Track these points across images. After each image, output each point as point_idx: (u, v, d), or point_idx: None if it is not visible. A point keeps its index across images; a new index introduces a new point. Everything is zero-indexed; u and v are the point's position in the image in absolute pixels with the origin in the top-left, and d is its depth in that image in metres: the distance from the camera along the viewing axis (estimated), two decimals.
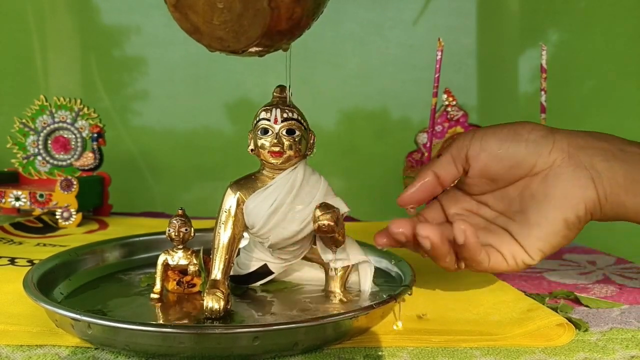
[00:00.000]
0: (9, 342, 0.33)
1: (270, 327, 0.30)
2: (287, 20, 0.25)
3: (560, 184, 0.37)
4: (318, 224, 0.36)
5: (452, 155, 0.41)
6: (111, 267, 0.48)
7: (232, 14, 0.24)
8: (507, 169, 0.39)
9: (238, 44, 0.26)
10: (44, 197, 0.76)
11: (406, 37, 1.21)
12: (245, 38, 0.25)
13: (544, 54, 0.69)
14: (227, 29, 0.25)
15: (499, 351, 0.33)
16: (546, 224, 0.37)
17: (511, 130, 0.39)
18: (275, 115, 0.37)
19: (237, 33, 0.25)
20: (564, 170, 0.38)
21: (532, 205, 0.38)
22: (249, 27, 0.25)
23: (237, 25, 0.25)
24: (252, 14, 0.24)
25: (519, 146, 0.38)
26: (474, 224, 0.38)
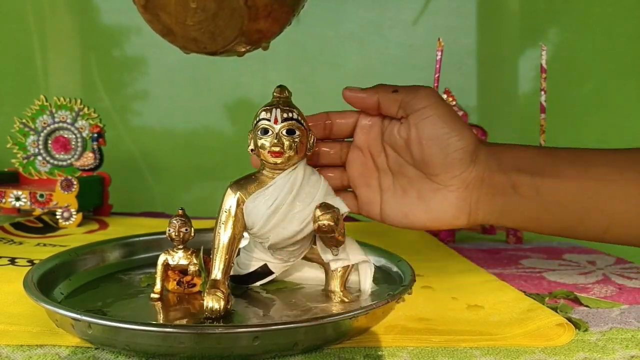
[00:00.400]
0: (9, 342, 0.33)
1: (270, 327, 0.30)
2: (266, 18, 0.24)
3: (438, 202, 0.40)
4: (318, 224, 0.36)
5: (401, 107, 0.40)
6: (111, 267, 0.48)
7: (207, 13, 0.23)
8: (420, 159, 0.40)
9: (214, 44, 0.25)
10: (44, 197, 0.76)
11: (406, 37, 1.21)
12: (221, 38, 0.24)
13: (544, 54, 0.69)
14: (202, 29, 0.24)
15: (499, 351, 0.33)
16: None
17: (444, 137, 0.38)
18: (275, 115, 0.37)
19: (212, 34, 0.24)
20: (451, 194, 0.39)
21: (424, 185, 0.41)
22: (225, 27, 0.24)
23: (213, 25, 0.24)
24: (228, 13, 0.23)
25: (439, 154, 0.39)
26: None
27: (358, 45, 1.22)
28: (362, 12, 1.21)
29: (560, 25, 1.21)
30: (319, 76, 1.23)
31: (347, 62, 1.23)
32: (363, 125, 0.43)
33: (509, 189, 0.38)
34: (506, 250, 0.65)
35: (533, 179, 0.38)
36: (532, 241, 0.72)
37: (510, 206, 0.39)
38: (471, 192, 0.39)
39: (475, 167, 0.39)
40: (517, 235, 0.70)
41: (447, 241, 0.70)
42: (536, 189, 0.38)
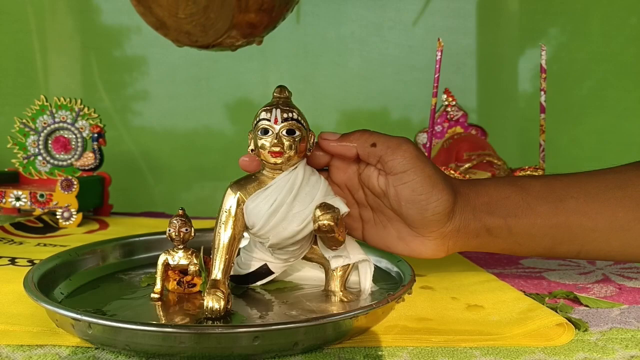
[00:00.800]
0: (9, 342, 0.33)
1: (270, 327, 0.30)
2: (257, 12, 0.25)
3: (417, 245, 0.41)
4: (318, 224, 0.36)
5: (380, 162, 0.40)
6: (111, 267, 0.48)
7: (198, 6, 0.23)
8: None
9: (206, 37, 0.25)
10: (45, 197, 0.76)
11: (406, 37, 1.21)
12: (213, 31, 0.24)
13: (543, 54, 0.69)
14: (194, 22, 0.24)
15: (499, 351, 0.33)
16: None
17: (423, 202, 0.39)
18: (275, 116, 0.37)
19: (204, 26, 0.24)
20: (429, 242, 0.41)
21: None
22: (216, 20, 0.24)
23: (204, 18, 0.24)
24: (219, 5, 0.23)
25: (417, 215, 0.39)
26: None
27: (358, 45, 1.22)
28: (362, 13, 1.21)
29: (559, 25, 1.21)
30: (319, 76, 1.23)
31: (348, 62, 1.23)
32: (337, 165, 0.42)
33: (483, 232, 0.40)
34: None
35: (506, 221, 0.40)
36: None
37: (484, 244, 0.42)
38: (448, 240, 0.41)
39: (452, 221, 0.40)
40: None
41: None
42: (509, 230, 0.40)
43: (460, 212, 0.40)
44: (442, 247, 0.41)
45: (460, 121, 0.72)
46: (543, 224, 0.40)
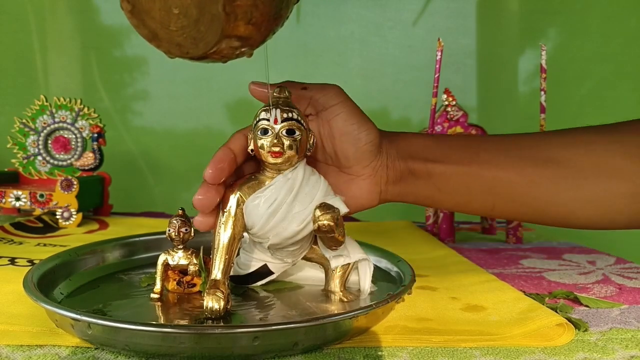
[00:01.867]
0: (9, 342, 0.33)
1: (270, 327, 0.30)
2: (246, 25, 0.25)
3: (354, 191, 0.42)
4: (318, 224, 0.36)
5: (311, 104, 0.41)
6: (111, 267, 0.48)
7: (189, 19, 0.24)
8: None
9: (197, 49, 0.26)
10: (44, 197, 0.76)
11: (406, 37, 1.21)
12: (203, 44, 0.25)
13: (543, 54, 0.69)
14: (185, 34, 0.25)
15: (499, 351, 0.33)
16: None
17: (355, 132, 0.41)
18: (275, 116, 0.37)
19: (195, 39, 0.25)
20: (363, 182, 0.42)
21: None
22: (206, 33, 0.25)
23: (195, 30, 0.25)
24: (209, 19, 0.24)
25: (352, 148, 0.41)
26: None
27: (358, 45, 1.22)
28: (362, 13, 1.21)
29: (559, 25, 1.21)
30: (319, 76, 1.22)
31: (348, 62, 1.23)
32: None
33: (407, 173, 0.43)
34: (506, 250, 0.65)
35: (425, 165, 0.43)
36: (532, 241, 0.72)
37: (408, 188, 0.44)
38: (380, 178, 0.43)
39: (381, 157, 0.42)
40: (517, 235, 0.70)
41: (447, 241, 0.70)
42: (428, 173, 0.43)
43: (386, 149, 0.43)
44: (375, 188, 0.43)
45: (460, 121, 0.72)
46: (459, 171, 0.43)
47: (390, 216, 0.94)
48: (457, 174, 0.43)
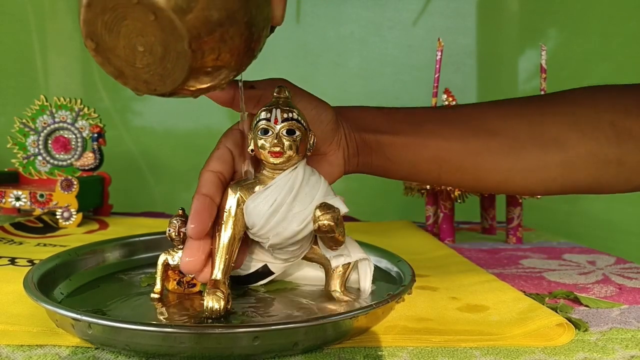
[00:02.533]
0: (9, 342, 0.33)
1: (270, 327, 0.30)
2: (214, 62, 0.25)
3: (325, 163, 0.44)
4: (318, 224, 0.36)
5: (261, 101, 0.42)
6: (111, 267, 0.48)
7: (154, 56, 0.24)
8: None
9: (164, 86, 0.25)
10: (44, 197, 0.76)
11: (405, 37, 1.21)
12: (170, 81, 0.25)
13: (543, 54, 0.69)
14: (151, 72, 0.25)
15: (499, 351, 0.33)
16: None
17: (317, 115, 0.42)
18: (275, 116, 0.37)
19: (162, 76, 0.25)
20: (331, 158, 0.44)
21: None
22: (173, 70, 0.24)
23: (161, 68, 0.24)
24: (174, 56, 0.24)
25: (317, 130, 0.42)
26: None
27: (358, 45, 1.22)
28: (362, 13, 1.21)
29: (559, 25, 1.21)
30: (319, 76, 1.23)
31: (348, 62, 1.23)
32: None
33: (362, 144, 0.45)
34: (506, 250, 0.65)
35: (376, 136, 0.45)
36: (532, 241, 0.72)
37: (364, 159, 0.45)
38: (342, 150, 0.44)
39: (339, 131, 0.44)
40: (517, 235, 0.70)
41: (447, 241, 0.70)
42: (378, 144, 0.45)
43: (342, 123, 0.44)
44: (341, 162, 0.44)
45: None
46: (406, 142, 0.45)
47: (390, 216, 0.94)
48: (405, 145, 0.45)
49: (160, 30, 0.23)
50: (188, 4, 0.22)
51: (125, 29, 0.23)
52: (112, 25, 0.23)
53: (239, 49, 0.25)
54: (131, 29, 0.23)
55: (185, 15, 0.23)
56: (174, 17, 0.22)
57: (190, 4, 0.23)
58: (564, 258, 0.62)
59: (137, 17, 0.23)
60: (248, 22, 0.25)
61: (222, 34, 0.24)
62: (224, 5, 0.23)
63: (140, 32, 0.23)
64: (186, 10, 0.22)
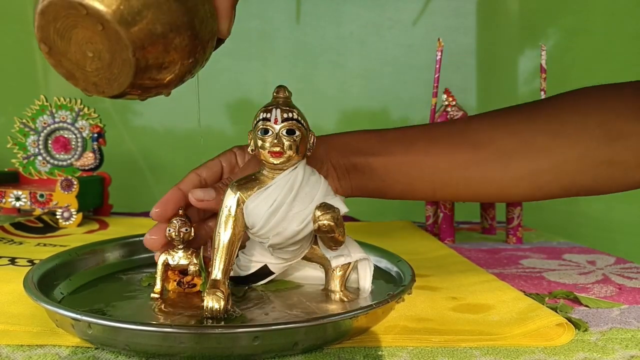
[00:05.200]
0: (9, 342, 0.33)
1: (270, 327, 0.30)
2: (158, 69, 0.27)
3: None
4: (318, 224, 0.36)
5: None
6: (111, 267, 0.48)
7: (102, 62, 0.26)
8: None
9: (111, 89, 0.27)
10: (45, 197, 0.76)
11: (405, 37, 1.21)
12: (117, 84, 0.27)
13: (543, 54, 0.69)
14: (100, 75, 0.26)
15: (499, 351, 0.33)
16: None
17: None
18: (275, 116, 0.37)
19: (109, 80, 0.27)
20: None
21: None
22: (119, 75, 0.26)
23: (109, 72, 0.26)
24: (120, 63, 0.26)
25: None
26: None
27: (358, 45, 1.22)
28: (362, 13, 1.21)
29: (559, 25, 1.21)
30: (319, 76, 1.23)
31: (347, 62, 1.23)
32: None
33: (352, 169, 0.45)
34: (506, 250, 0.65)
35: (366, 159, 0.45)
36: (532, 241, 0.72)
37: (356, 182, 0.46)
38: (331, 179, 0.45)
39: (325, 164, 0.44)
40: (517, 235, 0.70)
41: (447, 241, 0.70)
42: (369, 166, 0.45)
43: (327, 154, 0.45)
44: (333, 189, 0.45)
45: None
46: (397, 161, 0.46)
47: (390, 216, 0.94)
48: (397, 165, 0.46)
49: (107, 39, 0.25)
50: (133, 17, 0.24)
51: (75, 36, 0.25)
52: (63, 32, 0.25)
53: (182, 60, 0.27)
54: (81, 36, 0.25)
55: (130, 28, 0.24)
56: (119, 28, 0.24)
57: (135, 18, 0.24)
58: (564, 258, 0.62)
59: (87, 26, 0.25)
60: (192, 35, 0.27)
61: (165, 45, 0.26)
62: (168, 20, 0.25)
63: (89, 40, 0.25)
64: (131, 22, 0.24)
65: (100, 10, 0.24)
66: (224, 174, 0.44)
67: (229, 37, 0.31)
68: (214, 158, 0.45)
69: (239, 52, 1.17)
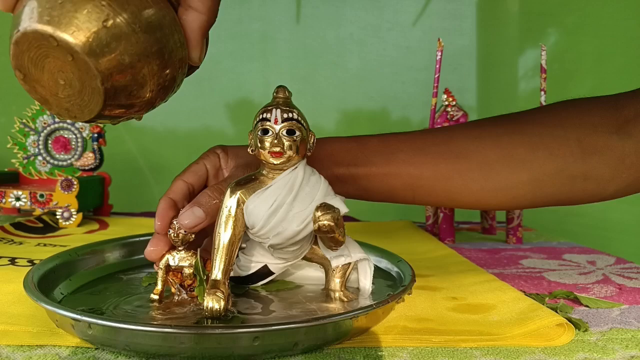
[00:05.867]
0: (9, 342, 0.33)
1: (270, 327, 0.30)
2: (127, 97, 0.28)
3: None
4: (318, 224, 0.36)
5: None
6: (111, 267, 0.48)
7: (73, 89, 0.27)
8: None
9: (83, 115, 0.28)
10: (45, 197, 0.76)
11: (404, 38, 1.21)
12: (88, 111, 0.28)
13: (543, 54, 0.69)
14: (72, 102, 0.28)
15: (499, 351, 0.33)
16: None
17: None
18: (275, 116, 0.37)
19: (80, 106, 0.28)
20: None
21: None
22: (89, 102, 0.27)
23: (79, 99, 0.27)
24: (90, 91, 0.27)
25: None
26: None
27: (357, 46, 1.22)
28: (361, 14, 1.21)
29: (559, 25, 1.21)
30: (319, 77, 1.23)
31: (347, 63, 1.23)
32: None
33: (334, 179, 0.45)
34: (506, 250, 0.65)
35: (349, 170, 0.46)
36: (532, 241, 0.72)
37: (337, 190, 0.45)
38: None
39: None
40: (517, 236, 0.70)
41: (447, 241, 0.70)
42: (352, 177, 0.46)
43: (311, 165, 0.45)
44: None
45: (460, 121, 0.72)
46: (379, 172, 0.47)
47: (390, 216, 0.94)
48: (379, 175, 0.47)
49: (77, 69, 0.26)
50: (102, 49, 0.26)
51: (48, 65, 0.27)
52: (36, 61, 0.27)
53: (151, 88, 0.28)
54: (53, 65, 0.26)
55: (99, 59, 0.26)
56: (88, 59, 0.26)
57: (104, 49, 0.26)
58: (564, 258, 0.62)
59: (58, 56, 0.26)
60: (160, 65, 0.28)
61: (133, 74, 0.27)
62: (136, 51, 0.27)
63: (61, 69, 0.27)
64: (99, 54, 0.26)
65: (70, 42, 0.25)
66: (209, 178, 0.44)
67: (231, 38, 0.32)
68: (198, 161, 0.45)
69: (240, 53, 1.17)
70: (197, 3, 0.29)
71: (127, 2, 0.26)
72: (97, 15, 0.25)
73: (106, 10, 0.25)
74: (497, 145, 0.47)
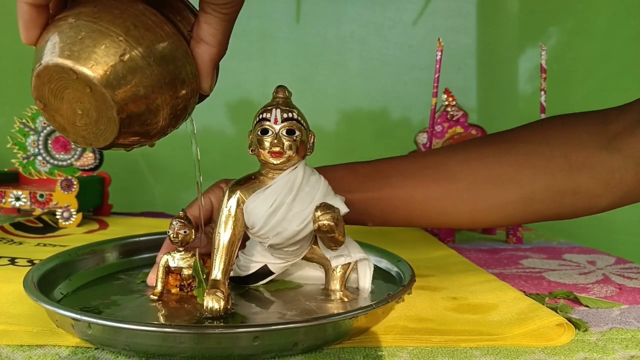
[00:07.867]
0: (9, 342, 0.33)
1: (270, 327, 0.30)
2: (141, 126, 0.29)
3: None
4: (318, 224, 0.36)
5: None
6: (111, 267, 0.48)
7: (90, 118, 0.29)
8: None
9: (98, 143, 0.30)
10: (44, 197, 0.76)
11: (406, 37, 1.21)
12: (103, 139, 0.30)
13: (543, 54, 0.69)
14: (88, 130, 0.29)
15: (499, 351, 0.33)
16: None
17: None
18: (275, 116, 0.37)
19: (96, 134, 0.29)
20: None
21: None
22: (105, 130, 0.29)
23: (96, 128, 0.29)
24: (106, 120, 0.28)
25: None
26: None
27: (358, 45, 1.22)
28: (362, 12, 1.21)
29: (559, 25, 1.21)
30: (319, 76, 1.22)
31: (348, 62, 1.23)
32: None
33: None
34: (506, 250, 0.65)
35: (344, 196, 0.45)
36: (532, 241, 0.72)
37: None
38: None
39: None
40: (517, 235, 0.70)
41: (447, 241, 0.70)
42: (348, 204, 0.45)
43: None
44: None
45: (460, 121, 0.72)
46: (372, 197, 0.48)
47: None
48: (372, 200, 0.48)
49: (94, 100, 0.28)
50: (118, 81, 0.27)
51: (67, 96, 0.28)
52: (56, 92, 0.28)
53: (164, 117, 0.30)
54: (72, 96, 0.28)
55: (115, 90, 0.27)
56: (105, 91, 0.27)
57: (120, 82, 0.27)
58: (564, 258, 0.62)
59: (77, 87, 0.28)
60: (173, 95, 0.30)
61: (148, 105, 0.29)
62: (151, 83, 0.28)
63: (79, 99, 0.28)
64: (116, 86, 0.27)
65: (89, 75, 0.27)
66: (214, 212, 0.45)
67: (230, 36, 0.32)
68: (203, 195, 0.46)
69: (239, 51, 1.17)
70: (209, 37, 0.30)
71: (142, 36, 0.28)
72: (114, 50, 0.27)
73: (123, 45, 0.27)
74: (484, 166, 0.48)
